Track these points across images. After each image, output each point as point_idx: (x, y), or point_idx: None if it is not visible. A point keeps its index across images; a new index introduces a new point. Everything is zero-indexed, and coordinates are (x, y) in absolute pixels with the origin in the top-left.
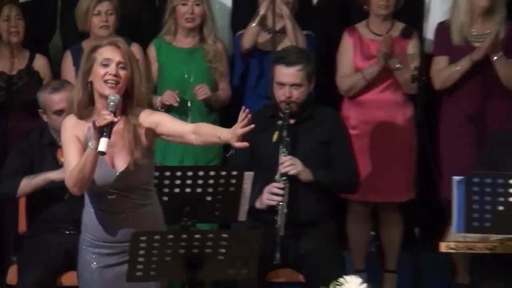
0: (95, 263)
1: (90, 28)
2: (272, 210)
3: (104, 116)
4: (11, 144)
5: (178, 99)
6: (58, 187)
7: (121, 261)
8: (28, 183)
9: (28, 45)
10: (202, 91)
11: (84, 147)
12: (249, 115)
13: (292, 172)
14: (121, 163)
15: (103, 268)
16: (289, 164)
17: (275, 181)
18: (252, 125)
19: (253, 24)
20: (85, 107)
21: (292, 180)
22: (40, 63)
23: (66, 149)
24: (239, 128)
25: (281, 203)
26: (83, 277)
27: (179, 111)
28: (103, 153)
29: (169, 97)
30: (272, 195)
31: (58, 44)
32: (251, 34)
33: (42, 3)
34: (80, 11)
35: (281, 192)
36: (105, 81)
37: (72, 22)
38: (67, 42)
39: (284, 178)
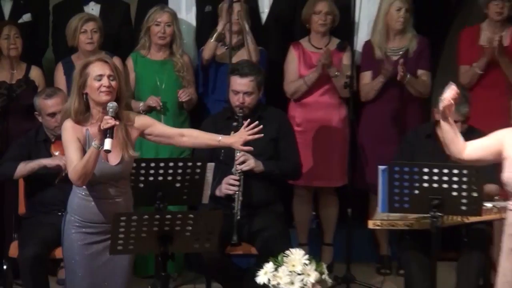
0: (80, 240)
1: (78, 44)
2: (229, 197)
3: (107, 120)
4: (11, 141)
5: (160, 104)
6: (51, 175)
7: (103, 238)
8: (24, 167)
9: (25, 59)
10: (185, 94)
11: (83, 146)
12: (260, 127)
13: (245, 168)
14: (113, 157)
15: (88, 245)
16: (242, 160)
17: (232, 173)
18: (262, 135)
19: (211, 40)
20: (82, 114)
21: (246, 171)
22: (36, 74)
23: (68, 149)
24: (246, 135)
25: (237, 192)
26: (69, 252)
27: (154, 112)
28: (108, 151)
29: (154, 101)
30: (229, 185)
31: (50, 57)
32: (209, 48)
33: (37, 23)
34: (69, 30)
35: (236, 183)
36: (101, 92)
37: (62, 39)
38: (58, 55)
39: (239, 171)
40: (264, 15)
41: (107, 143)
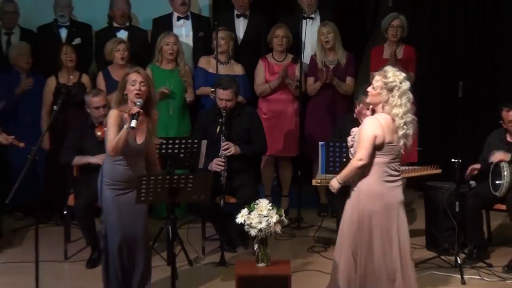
0: (111, 195)
1: (113, 59)
2: (217, 173)
3: (135, 109)
4: (70, 126)
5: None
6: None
7: (127, 192)
8: (78, 160)
9: (78, 68)
10: (188, 96)
11: (120, 128)
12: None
13: (228, 154)
14: (140, 139)
15: (116, 197)
16: (226, 148)
17: (219, 156)
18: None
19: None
20: (122, 106)
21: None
22: (85, 79)
23: (109, 130)
24: None
25: (223, 171)
26: (105, 203)
27: (164, 107)
28: (134, 128)
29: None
30: (217, 165)
31: (94, 68)
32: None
33: (85, 45)
34: (107, 49)
35: (222, 164)
36: (135, 94)
37: (102, 55)
38: (100, 66)
39: (224, 155)
40: (240, 39)
41: (134, 123)
